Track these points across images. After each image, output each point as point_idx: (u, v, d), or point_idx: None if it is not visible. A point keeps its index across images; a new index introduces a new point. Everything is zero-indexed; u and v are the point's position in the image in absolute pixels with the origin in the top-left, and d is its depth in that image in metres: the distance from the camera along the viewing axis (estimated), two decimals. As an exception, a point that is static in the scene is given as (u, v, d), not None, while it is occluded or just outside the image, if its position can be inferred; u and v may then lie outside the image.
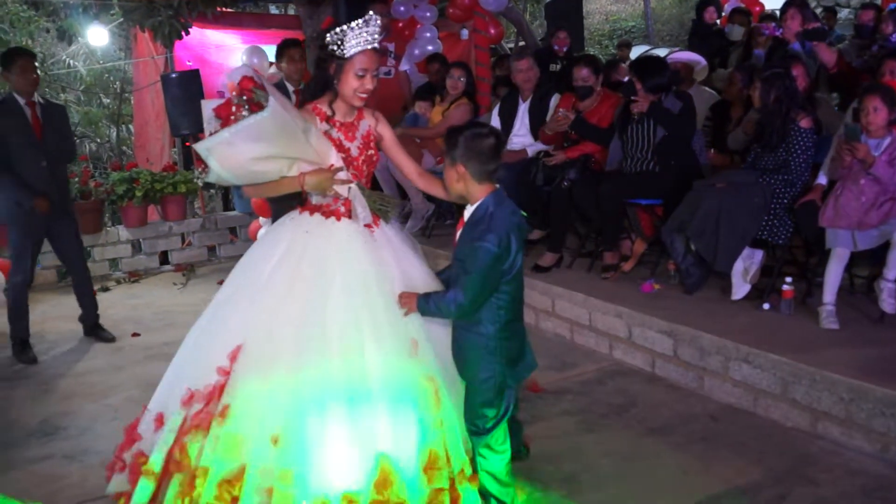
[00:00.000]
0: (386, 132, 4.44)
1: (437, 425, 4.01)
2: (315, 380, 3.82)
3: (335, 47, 4.08)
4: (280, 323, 3.94)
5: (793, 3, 8.37)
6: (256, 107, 3.90)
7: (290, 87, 7.45)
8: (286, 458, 3.73)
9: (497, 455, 4.08)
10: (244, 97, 3.92)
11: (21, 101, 6.94)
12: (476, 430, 4.03)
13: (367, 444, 3.80)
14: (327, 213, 4.24)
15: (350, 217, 4.24)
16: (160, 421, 4.06)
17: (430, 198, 9.24)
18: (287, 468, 3.71)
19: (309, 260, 4.09)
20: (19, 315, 7.22)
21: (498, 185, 3.98)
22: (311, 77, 4.38)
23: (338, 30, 4.07)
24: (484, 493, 4.09)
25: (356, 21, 4.08)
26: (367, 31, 4.08)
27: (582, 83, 7.67)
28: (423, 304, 3.97)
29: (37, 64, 7.10)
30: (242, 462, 3.75)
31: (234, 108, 3.90)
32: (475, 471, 4.08)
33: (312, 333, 3.90)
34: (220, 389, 3.88)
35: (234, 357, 3.91)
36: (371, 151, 4.36)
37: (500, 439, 4.08)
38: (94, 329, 7.68)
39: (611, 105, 7.68)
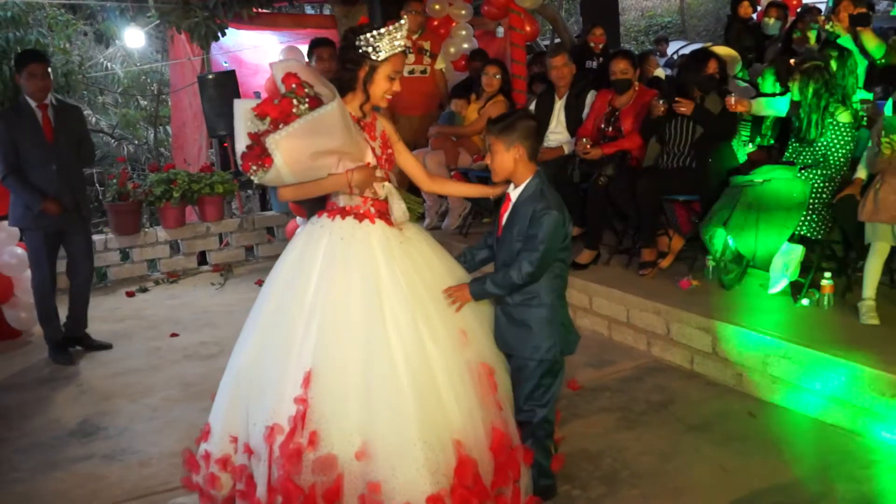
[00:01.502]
0: (396, 136, 4.48)
1: (495, 406, 4.17)
2: (386, 391, 3.87)
3: (370, 50, 4.09)
4: (345, 344, 3.94)
5: None
6: (314, 101, 3.94)
7: None
8: (372, 471, 3.80)
9: (550, 426, 4.41)
10: (300, 94, 3.95)
11: (32, 104, 6.90)
12: (533, 411, 4.29)
13: (444, 436, 3.90)
14: (360, 215, 4.20)
15: (380, 218, 4.24)
16: (249, 450, 4.07)
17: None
18: (374, 480, 3.78)
19: (356, 272, 4.06)
20: (48, 317, 7.25)
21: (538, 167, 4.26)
22: (335, 79, 4.27)
23: (375, 33, 4.08)
24: (536, 466, 4.34)
25: (392, 25, 4.13)
26: (399, 35, 4.14)
27: (620, 76, 7.67)
28: (479, 289, 4.20)
29: (49, 68, 7.05)
30: (339, 472, 3.80)
31: (294, 103, 3.92)
32: (527, 449, 4.23)
33: (378, 348, 3.93)
34: (301, 418, 3.85)
35: (307, 383, 3.88)
36: (390, 150, 4.38)
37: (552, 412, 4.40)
38: (79, 341, 7.49)
39: (647, 102, 7.67)
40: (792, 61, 7.25)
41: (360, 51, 4.11)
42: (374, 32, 4.08)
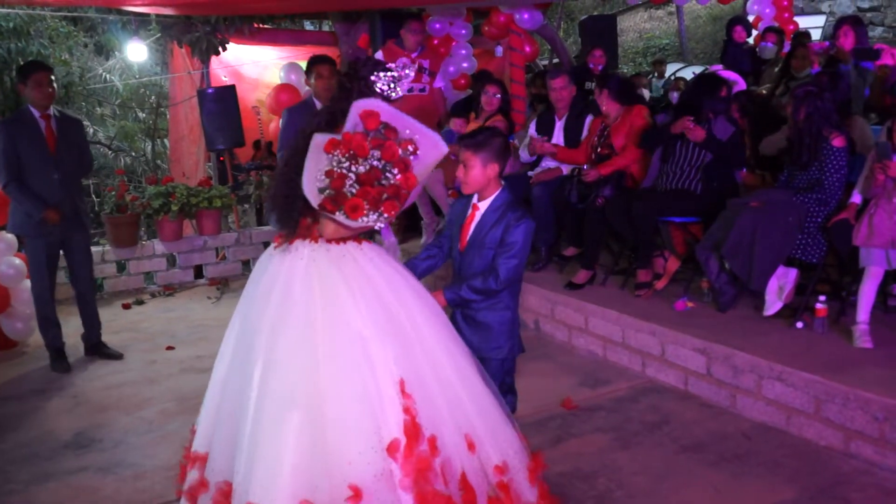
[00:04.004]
0: None
1: None
2: (462, 380, 3.92)
3: (387, 87, 4.00)
4: (419, 348, 3.85)
5: (846, 21, 8.30)
6: (412, 143, 3.84)
7: (319, 104, 7.11)
8: (488, 456, 3.87)
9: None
10: (393, 135, 3.80)
11: (36, 113, 6.99)
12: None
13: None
14: (359, 239, 4.06)
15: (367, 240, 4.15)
16: (357, 496, 3.47)
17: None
18: (497, 463, 3.86)
19: (391, 284, 3.94)
20: (47, 324, 7.32)
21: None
22: (338, 108, 4.02)
23: (395, 74, 4.01)
24: None
25: (407, 69, 4.12)
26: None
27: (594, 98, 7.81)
28: (454, 296, 4.39)
29: (53, 77, 7.13)
30: (460, 472, 3.75)
31: (399, 149, 3.77)
32: None
33: (440, 343, 3.95)
34: (413, 426, 3.62)
35: (404, 392, 3.66)
36: None
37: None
38: (96, 347, 7.61)
39: (635, 117, 7.74)
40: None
41: (378, 88, 3.99)
42: (395, 74, 4.01)
